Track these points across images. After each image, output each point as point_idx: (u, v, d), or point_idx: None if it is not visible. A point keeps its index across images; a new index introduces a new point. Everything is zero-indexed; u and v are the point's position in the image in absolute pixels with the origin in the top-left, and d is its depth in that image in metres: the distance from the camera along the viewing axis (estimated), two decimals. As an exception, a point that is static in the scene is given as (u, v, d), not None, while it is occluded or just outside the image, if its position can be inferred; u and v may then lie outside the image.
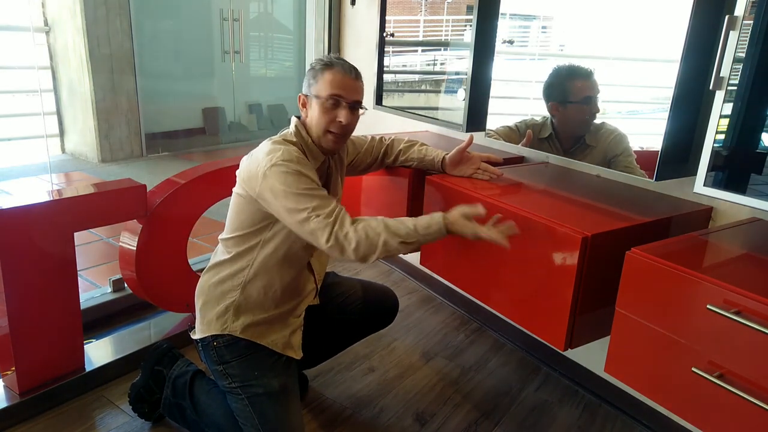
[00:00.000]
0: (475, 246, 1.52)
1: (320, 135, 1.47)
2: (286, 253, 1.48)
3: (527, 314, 1.45)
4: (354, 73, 1.48)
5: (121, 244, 1.92)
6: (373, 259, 1.35)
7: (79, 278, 1.75)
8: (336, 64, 1.46)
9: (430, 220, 1.36)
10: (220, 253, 1.55)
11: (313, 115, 1.47)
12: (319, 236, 1.33)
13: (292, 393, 1.52)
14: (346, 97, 1.45)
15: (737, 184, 1.23)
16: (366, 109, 1.53)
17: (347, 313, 1.74)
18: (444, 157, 1.71)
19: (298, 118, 1.51)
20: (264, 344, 1.50)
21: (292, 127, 1.50)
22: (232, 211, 1.51)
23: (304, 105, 1.50)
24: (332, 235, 1.32)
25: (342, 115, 1.44)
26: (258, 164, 1.39)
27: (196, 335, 1.55)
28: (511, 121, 1.80)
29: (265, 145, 1.44)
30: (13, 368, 1.66)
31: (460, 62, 1.95)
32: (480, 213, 1.36)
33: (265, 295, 1.50)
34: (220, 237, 1.55)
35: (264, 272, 1.49)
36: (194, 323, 1.57)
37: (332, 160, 1.59)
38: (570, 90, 1.58)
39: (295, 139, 1.47)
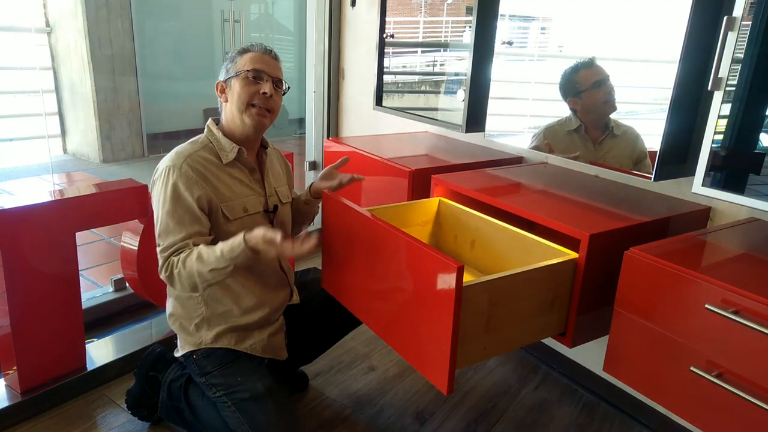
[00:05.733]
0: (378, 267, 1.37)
1: (243, 110, 1.41)
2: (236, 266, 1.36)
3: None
4: (273, 54, 1.46)
5: (122, 243, 1.93)
6: (201, 288, 1.40)
7: (80, 278, 1.76)
8: (253, 47, 1.45)
9: (233, 242, 1.32)
10: None
11: (234, 92, 1.42)
12: (159, 265, 1.38)
13: (280, 393, 1.48)
14: (268, 72, 1.42)
15: (735, 184, 1.23)
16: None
17: (330, 306, 1.64)
18: (311, 185, 1.66)
19: (216, 122, 1.49)
20: (242, 350, 1.48)
21: (205, 128, 1.48)
22: None
23: (222, 91, 1.46)
24: (163, 270, 1.36)
25: (266, 87, 1.41)
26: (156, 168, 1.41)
27: (178, 353, 1.55)
28: (516, 124, 1.80)
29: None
30: (15, 367, 1.67)
31: (459, 63, 1.95)
32: (275, 240, 1.28)
33: (232, 304, 1.48)
34: None
35: (220, 287, 1.46)
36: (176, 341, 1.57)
37: (266, 155, 1.54)
38: (578, 81, 1.55)
39: (201, 138, 1.45)
